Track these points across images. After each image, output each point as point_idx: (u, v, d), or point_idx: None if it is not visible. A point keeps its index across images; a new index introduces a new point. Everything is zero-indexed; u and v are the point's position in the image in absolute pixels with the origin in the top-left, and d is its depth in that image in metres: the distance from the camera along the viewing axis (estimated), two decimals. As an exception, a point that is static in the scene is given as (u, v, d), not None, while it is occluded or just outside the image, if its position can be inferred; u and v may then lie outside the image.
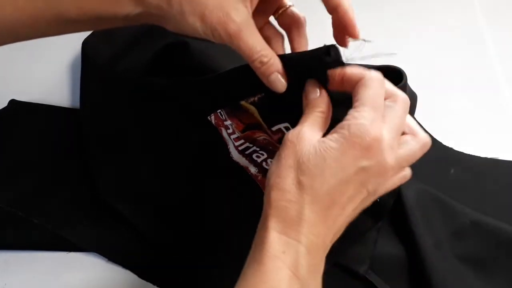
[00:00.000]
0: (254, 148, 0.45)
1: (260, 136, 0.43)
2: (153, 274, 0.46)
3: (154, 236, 0.48)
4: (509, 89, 0.59)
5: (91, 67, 0.57)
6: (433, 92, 0.57)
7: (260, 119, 0.41)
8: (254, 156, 0.46)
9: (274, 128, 0.41)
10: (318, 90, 0.35)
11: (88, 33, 0.60)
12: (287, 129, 0.41)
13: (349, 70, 0.34)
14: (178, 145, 0.49)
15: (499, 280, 0.44)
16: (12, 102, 0.56)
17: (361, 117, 0.31)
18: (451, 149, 0.54)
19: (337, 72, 0.34)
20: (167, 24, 0.36)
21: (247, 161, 0.46)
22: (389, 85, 0.34)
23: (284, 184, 0.31)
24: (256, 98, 0.40)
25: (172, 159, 0.50)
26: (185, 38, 0.55)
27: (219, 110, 0.43)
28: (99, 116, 0.54)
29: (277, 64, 0.35)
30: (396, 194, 0.46)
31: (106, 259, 0.47)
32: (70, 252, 0.47)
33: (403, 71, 0.47)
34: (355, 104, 0.32)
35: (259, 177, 0.46)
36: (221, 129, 0.46)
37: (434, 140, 0.54)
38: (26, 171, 0.52)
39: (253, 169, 0.46)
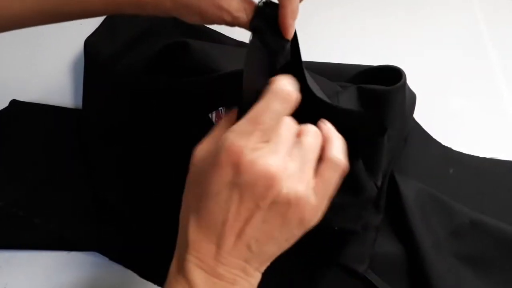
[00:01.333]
0: None
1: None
2: (154, 273, 0.46)
3: (154, 236, 0.48)
4: (508, 90, 0.59)
5: (94, 65, 0.58)
6: (432, 92, 0.57)
7: None
8: None
9: None
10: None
11: (88, 34, 0.61)
12: None
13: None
14: (179, 144, 0.50)
15: (498, 279, 0.44)
16: (13, 102, 0.56)
17: (231, 129, 0.30)
18: (450, 149, 0.54)
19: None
20: (150, 11, 0.36)
21: None
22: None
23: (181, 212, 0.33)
24: None
25: (174, 158, 0.50)
26: (185, 38, 0.55)
27: (220, 108, 0.44)
28: (102, 114, 0.54)
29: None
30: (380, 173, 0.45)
31: (107, 259, 0.47)
32: (70, 252, 0.47)
33: (402, 70, 0.48)
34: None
35: None
36: None
37: (433, 140, 0.54)
38: (27, 171, 0.52)
39: None
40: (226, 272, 0.30)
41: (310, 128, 0.33)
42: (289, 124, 0.32)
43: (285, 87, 0.32)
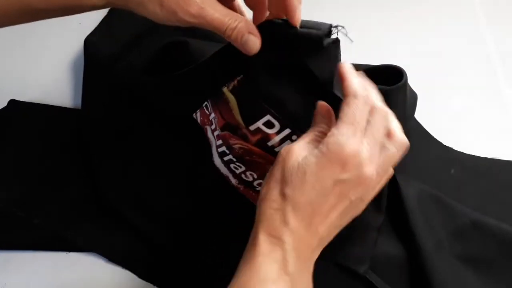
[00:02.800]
0: (231, 157, 0.45)
1: (236, 144, 0.44)
2: (152, 274, 0.46)
3: (153, 236, 0.48)
4: (509, 89, 0.59)
5: (93, 65, 0.58)
6: (433, 91, 0.57)
7: (239, 116, 0.42)
8: (231, 166, 0.46)
9: (252, 128, 0.41)
10: (327, 112, 0.37)
11: (89, 31, 0.61)
12: (268, 125, 0.41)
13: (345, 83, 0.36)
14: (171, 146, 0.50)
15: (499, 280, 0.44)
16: (12, 102, 0.56)
17: (339, 133, 0.33)
18: (451, 149, 0.54)
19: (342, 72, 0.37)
20: (133, 10, 0.38)
21: (226, 170, 0.47)
22: (371, 98, 0.36)
23: (271, 195, 0.34)
24: (236, 82, 0.41)
25: (168, 160, 0.50)
26: (185, 38, 0.55)
27: (205, 103, 0.43)
28: (102, 114, 0.54)
29: (247, 25, 0.36)
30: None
31: (106, 259, 0.47)
32: (70, 252, 0.47)
33: (403, 70, 0.47)
34: (337, 121, 0.34)
35: (241, 188, 0.47)
36: (206, 129, 0.46)
37: (434, 140, 0.54)
38: (26, 171, 0.52)
39: (233, 180, 0.47)
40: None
41: (381, 109, 0.36)
42: (382, 116, 0.36)
43: (362, 92, 0.36)
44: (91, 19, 0.62)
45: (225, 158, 0.46)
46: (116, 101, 0.54)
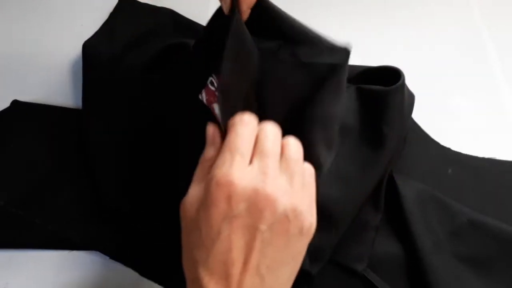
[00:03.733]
0: None
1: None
2: (154, 272, 0.46)
3: (157, 234, 0.48)
4: (508, 89, 0.59)
5: (92, 68, 0.58)
6: (431, 92, 0.57)
7: None
8: None
9: None
10: (211, 135, 0.34)
11: (89, 34, 0.61)
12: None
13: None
14: (178, 141, 0.50)
15: (497, 279, 0.44)
16: (14, 103, 0.56)
17: (216, 165, 0.30)
18: (449, 149, 0.54)
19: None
20: None
21: None
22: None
23: (185, 266, 0.31)
24: None
25: (172, 155, 0.50)
26: (185, 40, 0.56)
27: (210, 79, 0.43)
28: (102, 114, 0.54)
29: None
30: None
31: (107, 258, 0.47)
32: (71, 251, 0.47)
33: (401, 71, 0.48)
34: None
35: None
36: (213, 107, 0.45)
37: (431, 140, 0.54)
38: (28, 171, 0.52)
39: None
40: None
41: (290, 140, 0.33)
42: (269, 138, 0.32)
43: (243, 116, 0.32)
44: (93, 20, 0.63)
45: None
46: (117, 100, 0.54)
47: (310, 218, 0.31)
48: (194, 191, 0.31)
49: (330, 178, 0.43)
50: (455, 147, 0.54)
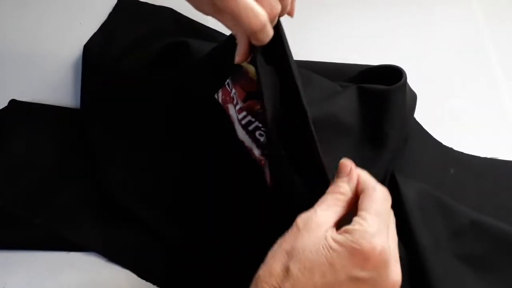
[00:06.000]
0: (257, 124, 0.44)
1: (261, 110, 0.43)
2: (153, 274, 0.46)
3: (162, 232, 0.47)
4: (508, 90, 0.59)
5: (92, 68, 0.58)
6: (433, 92, 0.57)
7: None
8: (257, 134, 0.45)
9: None
10: (348, 170, 0.35)
11: (88, 34, 0.61)
12: None
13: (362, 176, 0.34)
14: (185, 137, 0.50)
15: (499, 280, 0.44)
16: (13, 102, 0.56)
17: (367, 224, 0.30)
18: (451, 149, 0.54)
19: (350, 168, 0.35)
20: None
21: (250, 140, 0.46)
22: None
23: (273, 267, 0.30)
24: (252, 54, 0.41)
25: (180, 152, 0.50)
26: (185, 39, 0.56)
27: (227, 81, 0.43)
28: (101, 115, 0.54)
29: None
30: None
31: (106, 259, 0.47)
32: (70, 252, 0.47)
33: (403, 70, 0.48)
34: (361, 212, 0.32)
35: (263, 161, 0.45)
36: (227, 107, 0.46)
37: (434, 140, 0.54)
38: (27, 171, 0.51)
39: (256, 152, 0.46)
40: None
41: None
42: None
43: (376, 183, 0.34)
44: (92, 19, 0.63)
45: (250, 128, 0.45)
46: (120, 99, 0.54)
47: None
48: (323, 219, 0.32)
49: (330, 178, 0.43)
50: (457, 147, 0.54)
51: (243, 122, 0.45)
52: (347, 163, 0.35)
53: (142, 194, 0.49)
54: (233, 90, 0.44)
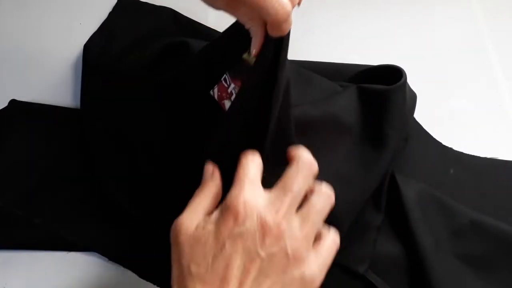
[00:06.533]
0: None
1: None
2: (153, 273, 0.46)
3: (156, 236, 0.47)
4: (508, 90, 0.59)
5: (92, 68, 0.58)
6: (433, 92, 0.57)
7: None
8: None
9: None
10: (211, 170, 0.36)
11: (88, 33, 0.61)
12: None
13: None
14: (185, 137, 0.50)
15: (499, 280, 0.44)
16: (13, 102, 0.56)
17: (237, 188, 0.32)
18: (450, 149, 0.54)
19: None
20: None
21: None
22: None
23: (177, 281, 0.32)
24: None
25: (180, 152, 0.50)
26: (185, 38, 0.55)
27: (224, 76, 0.43)
28: (101, 115, 0.54)
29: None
30: None
31: (106, 259, 0.47)
32: (70, 252, 0.47)
33: (403, 70, 0.48)
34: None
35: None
36: (223, 103, 0.45)
37: (434, 140, 0.54)
38: (26, 171, 0.51)
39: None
40: None
41: (323, 188, 0.34)
42: (297, 177, 0.33)
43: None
44: (92, 19, 0.63)
45: None
46: (120, 99, 0.54)
47: (315, 274, 0.32)
48: (195, 211, 0.33)
49: (331, 178, 0.43)
50: (456, 147, 0.54)
51: None
52: (209, 167, 0.36)
53: (142, 194, 0.49)
54: (232, 85, 0.44)
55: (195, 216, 0.33)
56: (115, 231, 0.48)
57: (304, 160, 0.34)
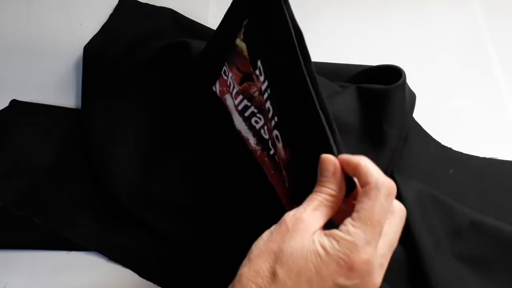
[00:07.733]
0: (252, 109, 0.44)
1: (256, 92, 0.43)
2: (154, 273, 0.46)
3: (163, 230, 0.48)
4: (508, 90, 0.59)
5: (93, 68, 0.58)
6: (432, 92, 0.57)
7: (248, 59, 0.41)
8: (252, 121, 0.45)
9: (256, 72, 0.40)
10: (333, 169, 0.32)
11: (89, 34, 0.61)
12: (259, 71, 0.39)
13: (363, 163, 0.31)
14: (187, 136, 0.50)
15: (498, 279, 0.44)
16: (13, 102, 0.56)
17: (355, 234, 0.29)
18: (450, 149, 0.54)
19: (349, 158, 0.32)
20: None
21: (246, 127, 0.45)
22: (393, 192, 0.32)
23: (260, 266, 0.30)
24: (244, 28, 0.40)
25: (182, 152, 0.50)
26: (185, 38, 0.56)
27: (223, 68, 0.43)
28: (103, 115, 0.54)
29: None
30: None
31: (107, 258, 0.47)
32: (70, 252, 0.47)
33: (402, 69, 0.48)
34: (354, 215, 0.30)
35: (258, 152, 0.45)
36: (225, 98, 0.45)
37: (433, 140, 0.54)
38: (27, 171, 0.52)
39: (252, 141, 0.46)
40: None
41: (397, 207, 0.32)
42: (398, 227, 0.32)
43: (391, 183, 0.31)
44: (92, 20, 0.63)
45: (246, 114, 0.45)
46: (120, 98, 0.54)
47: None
48: (312, 221, 0.31)
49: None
50: (456, 147, 0.54)
51: (240, 107, 0.45)
52: (329, 161, 0.32)
53: (142, 194, 0.49)
54: (230, 74, 0.44)
55: (317, 218, 0.31)
56: (115, 231, 0.48)
57: (386, 187, 0.31)
